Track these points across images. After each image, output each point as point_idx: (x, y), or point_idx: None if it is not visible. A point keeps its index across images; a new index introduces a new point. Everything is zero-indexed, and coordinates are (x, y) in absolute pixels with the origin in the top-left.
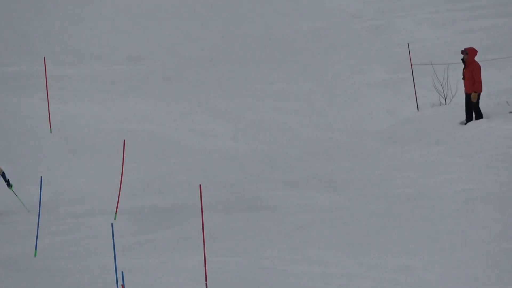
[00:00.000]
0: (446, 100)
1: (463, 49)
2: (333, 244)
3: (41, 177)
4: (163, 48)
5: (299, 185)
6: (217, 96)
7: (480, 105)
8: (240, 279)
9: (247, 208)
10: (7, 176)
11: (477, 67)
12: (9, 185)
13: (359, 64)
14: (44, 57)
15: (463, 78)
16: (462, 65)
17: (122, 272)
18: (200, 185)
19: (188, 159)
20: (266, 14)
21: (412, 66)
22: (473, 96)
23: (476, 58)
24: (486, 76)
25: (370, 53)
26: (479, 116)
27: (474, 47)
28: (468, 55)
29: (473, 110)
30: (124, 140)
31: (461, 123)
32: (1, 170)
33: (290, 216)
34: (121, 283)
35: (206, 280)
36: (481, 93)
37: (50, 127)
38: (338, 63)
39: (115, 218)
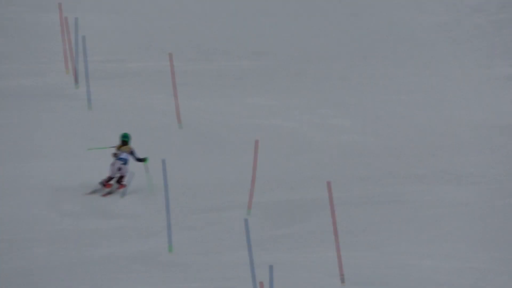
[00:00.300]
0: None
1: None
2: (465, 238)
3: (164, 159)
4: (288, 43)
5: (428, 180)
6: (343, 90)
7: None
8: (375, 274)
9: (377, 203)
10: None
11: None
12: (142, 160)
13: (483, 58)
14: (170, 53)
15: None
16: None
17: (271, 266)
18: (329, 182)
19: (317, 154)
20: (388, 8)
21: None
22: None
23: None
24: None
25: (495, 47)
26: None
27: None
28: None
29: None
30: (256, 141)
31: None
32: (131, 148)
33: (420, 210)
34: (258, 279)
35: (341, 275)
36: None
37: (179, 122)
38: (463, 57)
39: (248, 213)
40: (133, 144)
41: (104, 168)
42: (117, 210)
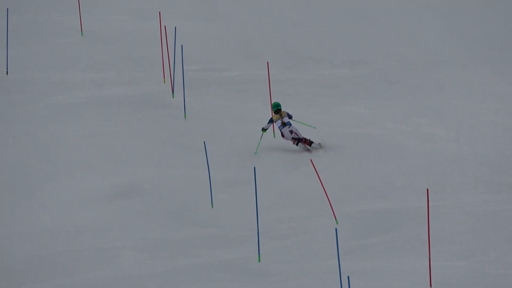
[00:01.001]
0: None
1: None
2: None
3: (254, 167)
4: (383, 51)
5: None
6: (438, 98)
7: None
8: (464, 284)
9: (470, 213)
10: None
11: None
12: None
13: None
14: (268, 62)
15: None
16: None
17: (348, 277)
18: (427, 189)
19: (410, 162)
20: (484, 15)
21: None
22: None
23: None
24: None
25: None
26: None
27: None
28: None
29: None
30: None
31: None
32: (286, 112)
33: None
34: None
35: (430, 285)
36: None
37: (273, 131)
38: None
39: (337, 223)
40: (227, 150)
41: (196, 176)
42: (205, 219)
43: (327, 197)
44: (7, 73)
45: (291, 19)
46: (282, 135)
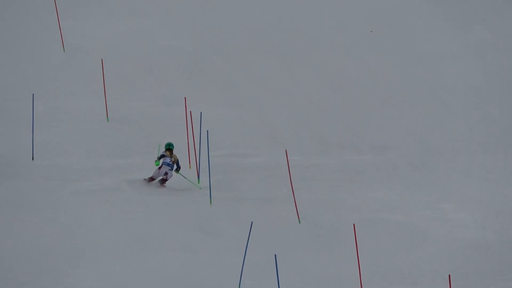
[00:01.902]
0: None
1: None
2: None
3: (275, 255)
4: (409, 136)
5: None
6: (463, 184)
7: None
8: None
9: None
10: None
11: None
12: (177, 170)
13: None
14: (286, 150)
15: None
16: None
17: None
18: (449, 275)
19: (436, 249)
20: (510, 100)
21: None
22: None
23: None
24: None
25: None
26: None
27: None
28: None
29: None
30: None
31: None
32: (176, 157)
33: None
34: None
35: None
36: None
37: (298, 217)
38: None
39: None
40: (252, 235)
41: (222, 261)
42: None
43: (361, 282)
44: (32, 159)
45: (317, 104)
46: (159, 167)
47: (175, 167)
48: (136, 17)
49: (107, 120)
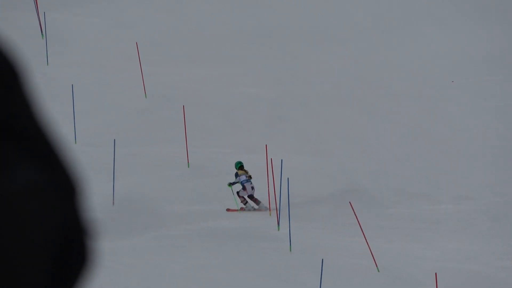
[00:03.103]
0: None
1: None
2: None
3: None
4: (488, 187)
5: None
6: None
7: None
8: None
9: None
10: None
11: None
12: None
13: None
14: (350, 202)
15: None
16: None
17: None
18: None
19: None
20: None
21: None
22: None
23: None
24: None
25: None
26: None
27: None
28: None
29: None
30: None
31: None
32: (247, 172)
33: None
34: None
35: None
36: None
37: (376, 266)
38: None
39: None
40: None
41: None
42: None
43: None
44: (113, 204)
45: (395, 154)
46: (244, 188)
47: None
48: (217, 64)
49: (188, 167)
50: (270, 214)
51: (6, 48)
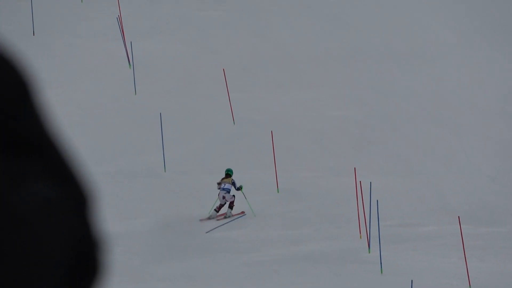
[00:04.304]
0: None
1: None
2: None
3: None
4: None
5: None
6: None
7: None
8: None
9: None
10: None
11: None
12: (239, 188)
13: None
14: (459, 216)
15: None
16: None
17: None
18: None
19: None
20: None
21: None
22: None
23: None
24: None
25: None
26: None
27: None
28: None
29: None
30: None
31: None
32: (232, 180)
33: None
34: None
35: None
36: None
37: (470, 286)
38: None
39: None
40: None
41: None
42: None
43: None
44: (206, 233)
45: (486, 173)
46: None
47: (232, 188)
48: (304, 87)
49: (277, 191)
50: (360, 237)
51: (17, 62)
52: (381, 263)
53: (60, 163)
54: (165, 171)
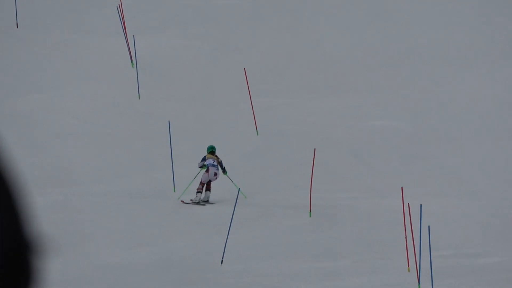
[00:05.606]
0: None
1: None
2: None
3: None
4: None
5: None
6: None
7: None
8: None
9: None
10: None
11: None
12: (224, 171)
13: None
14: None
15: None
16: None
17: None
18: None
19: None
20: None
21: None
22: None
23: None
24: None
25: None
26: None
27: None
28: None
29: None
30: None
31: None
32: (218, 158)
33: None
34: None
35: None
36: None
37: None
38: None
39: None
40: None
41: None
42: None
43: None
44: (221, 263)
45: None
46: (207, 171)
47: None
48: (342, 93)
49: (310, 215)
50: (408, 270)
51: None
52: None
53: None
54: (174, 190)
